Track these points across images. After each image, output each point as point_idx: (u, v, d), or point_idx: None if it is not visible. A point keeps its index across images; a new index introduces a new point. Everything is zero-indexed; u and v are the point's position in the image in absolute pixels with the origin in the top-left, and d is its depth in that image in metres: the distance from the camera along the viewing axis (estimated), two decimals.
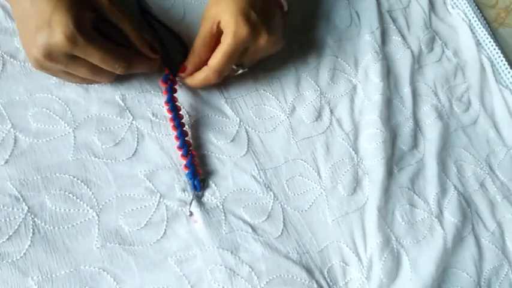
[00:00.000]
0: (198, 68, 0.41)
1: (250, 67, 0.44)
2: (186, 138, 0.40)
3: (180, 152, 0.40)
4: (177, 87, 0.42)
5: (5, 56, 0.39)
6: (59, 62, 0.34)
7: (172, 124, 0.40)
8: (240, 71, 0.43)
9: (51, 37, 0.32)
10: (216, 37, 0.40)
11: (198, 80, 0.41)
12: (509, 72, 0.58)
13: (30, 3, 0.33)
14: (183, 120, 0.40)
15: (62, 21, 0.32)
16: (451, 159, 0.50)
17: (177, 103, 0.41)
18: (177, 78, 0.42)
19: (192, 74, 0.41)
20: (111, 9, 0.36)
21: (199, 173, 0.39)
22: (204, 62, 0.41)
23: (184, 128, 0.40)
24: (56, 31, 0.32)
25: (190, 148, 0.40)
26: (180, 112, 0.40)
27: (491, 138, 0.54)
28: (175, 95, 0.41)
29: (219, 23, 0.40)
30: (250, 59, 0.42)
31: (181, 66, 0.42)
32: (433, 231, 0.45)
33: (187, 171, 0.39)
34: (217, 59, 0.40)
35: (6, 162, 0.35)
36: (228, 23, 0.39)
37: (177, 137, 0.39)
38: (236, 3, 0.39)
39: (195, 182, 0.39)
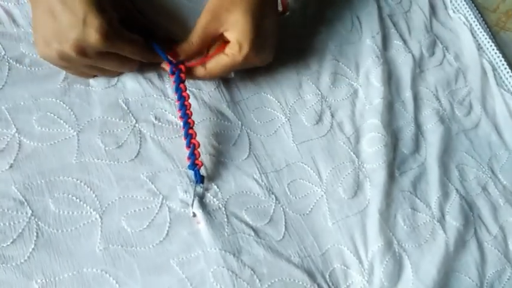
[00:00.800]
0: (189, 58, 0.42)
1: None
2: (190, 129, 0.39)
3: (185, 152, 0.40)
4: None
5: (11, 61, 0.40)
6: (91, 57, 0.37)
7: (179, 115, 0.40)
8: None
9: (87, 35, 0.35)
10: (216, 37, 0.41)
11: (198, 73, 0.42)
12: (510, 76, 0.58)
13: (59, 2, 0.35)
14: (188, 111, 0.40)
15: (96, 21, 0.35)
16: (453, 163, 0.50)
17: (184, 92, 0.40)
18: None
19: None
20: (131, 8, 0.41)
21: (198, 164, 0.39)
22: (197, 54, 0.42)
23: (189, 119, 0.40)
24: (92, 30, 0.35)
25: (193, 139, 0.39)
26: (187, 101, 0.40)
27: (493, 142, 0.54)
28: (183, 84, 0.41)
29: (223, 28, 0.40)
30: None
31: (170, 51, 0.41)
32: (435, 235, 0.44)
33: (188, 163, 0.39)
34: (217, 69, 0.41)
35: (10, 167, 0.36)
36: (240, 41, 0.40)
37: (183, 127, 0.40)
38: (247, 15, 0.39)
39: (196, 173, 0.38)
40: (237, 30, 0.40)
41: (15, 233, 0.34)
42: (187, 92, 0.41)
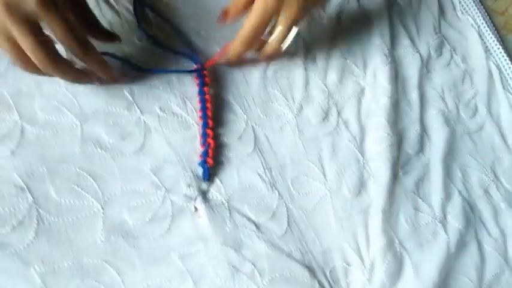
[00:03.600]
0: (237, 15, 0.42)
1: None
2: (207, 129, 0.41)
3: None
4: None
5: None
6: (23, 26, 0.31)
7: (199, 115, 0.41)
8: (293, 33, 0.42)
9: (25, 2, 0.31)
10: None
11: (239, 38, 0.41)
12: None
13: None
14: (209, 112, 0.41)
15: None
16: (456, 165, 0.50)
17: (206, 95, 0.42)
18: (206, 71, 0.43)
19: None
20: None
21: (209, 162, 0.39)
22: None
23: (209, 120, 0.41)
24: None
25: (209, 138, 0.40)
26: (209, 104, 0.42)
27: (496, 145, 0.54)
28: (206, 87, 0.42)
29: None
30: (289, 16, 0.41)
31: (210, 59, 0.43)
32: (436, 235, 0.44)
33: (200, 160, 0.39)
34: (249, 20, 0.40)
35: (12, 153, 0.35)
36: None
37: (201, 126, 0.41)
38: None
39: (205, 171, 0.39)
40: None
41: (15, 219, 0.34)
42: (209, 95, 0.42)
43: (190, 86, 0.43)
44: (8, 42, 0.32)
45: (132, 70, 0.41)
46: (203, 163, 0.39)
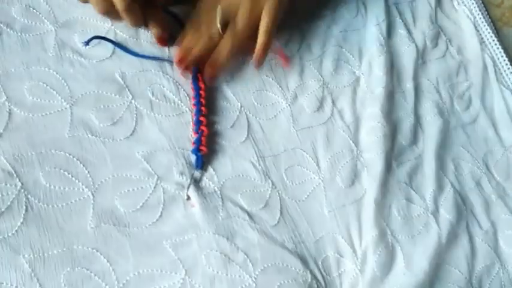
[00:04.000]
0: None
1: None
2: (201, 116, 0.40)
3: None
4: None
5: (1, 25, 0.38)
6: None
7: (193, 102, 0.41)
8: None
9: None
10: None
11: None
12: (511, 73, 0.58)
13: None
14: (202, 99, 0.41)
15: None
16: (449, 157, 0.50)
17: (200, 82, 0.41)
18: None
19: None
20: None
21: (203, 150, 0.39)
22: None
23: (202, 107, 0.40)
24: None
25: (202, 125, 0.40)
26: (202, 91, 0.41)
27: (489, 138, 0.54)
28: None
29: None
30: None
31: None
32: (428, 227, 0.45)
33: (193, 147, 0.39)
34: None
35: (0, 136, 0.34)
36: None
37: (195, 113, 0.40)
38: None
39: (198, 158, 0.38)
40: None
41: (3, 205, 0.33)
42: (203, 82, 0.41)
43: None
44: None
45: (126, 53, 0.40)
46: (196, 150, 0.39)
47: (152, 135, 0.39)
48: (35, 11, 0.39)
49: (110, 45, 0.40)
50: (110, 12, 0.38)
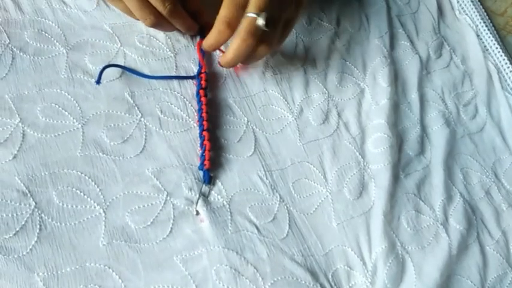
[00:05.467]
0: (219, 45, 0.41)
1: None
2: (204, 131, 0.40)
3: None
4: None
5: (15, 49, 0.39)
6: None
7: (196, 118, 0.42)
8: (262, 21, 0.38)
9: None
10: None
11: (210, 40, 0.40)
12: None
13: None
14: (204, 114, 0.41)
15: None
16: (458, 166, 0.50)
17: (203, 97, 0.42)
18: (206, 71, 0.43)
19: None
20: None
21: (206, 165, 0.39)
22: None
23: (204, 121, 0.41)
24: None
25: (205, 140, 0.40)
26: (204, 105, 0.42)
27: (497, 146, 0.54)
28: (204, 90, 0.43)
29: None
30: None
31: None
32: (438, 237, 0.44)
33: (199, 162, 0.40)
34: (222, 9, 0.38)
35: (14, 157, 0.35)
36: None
37: (198, 128, 0.41)
38: None
39: (205, 174, 0.39)
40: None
41: (18, 224, 0.33)
42: (205, 97, 0.42)
43: (190, 87, 0.43)
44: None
45: (134, 75, 0.41)
46: (201, 165, 0.39)
47: (161, 152, 0.39)
48: (46, 34, 0.41)
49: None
50: (160, 23, 0.39)
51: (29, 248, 0.33)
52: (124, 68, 0.41)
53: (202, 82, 0.43)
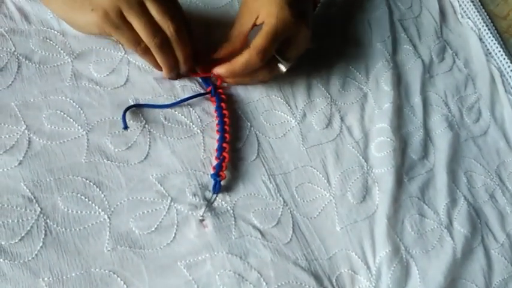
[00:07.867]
0: (228, 56, 0.42)
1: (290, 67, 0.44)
2: (224, 143, 0.41)
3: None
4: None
5: (20, 57, 0.40)
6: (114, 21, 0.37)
7: (216, 129, 0.42)
8: (284, 67, 0.43)
9: None
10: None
11: (239, 63, 0.41)
12: None
13: None
14: (226, 126, 0.42)
15: None
16: (461, 170, 0.50)
17: (224, 110, 0.42)
18: (224, 84, 0.44)
19: (222, 59, 0.43)
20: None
21: (222, 176, 0.39)
22: (236, 53, 0.42)
23: (226, 134, 0.41)
24: None
25: (225, 152, 0.40)
26: (226, 118, 0.42)
27: (501, 149, 0.54)
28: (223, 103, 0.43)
29: (257, 17, 0.41)
30: (293, 52, 0.44)
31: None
32: (442, 241, 0.44)
33: (213, 172, 0.40)
34: (260, 38, 0.40)
35: (20, 164, 0.36)
36: (271, 10, 0.40)
37: (217, 139, 0.41)
38: (281, 3, 0.41)
39: (216, 183, 0.39)
40: (266, 4, 0.41)
41: (23, 230, 0.34)
42: (227, 110, 0.43)
43: (193, 94, 0.43)
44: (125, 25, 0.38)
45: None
46: (215, 176, 0.39)
47: (165, 158, 0.40)
48: (52, 42, 0.41)
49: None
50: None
51: (34, 253, 0.33)
52: (144, 106, 0.41)
53: (222, 96, 0.43)
